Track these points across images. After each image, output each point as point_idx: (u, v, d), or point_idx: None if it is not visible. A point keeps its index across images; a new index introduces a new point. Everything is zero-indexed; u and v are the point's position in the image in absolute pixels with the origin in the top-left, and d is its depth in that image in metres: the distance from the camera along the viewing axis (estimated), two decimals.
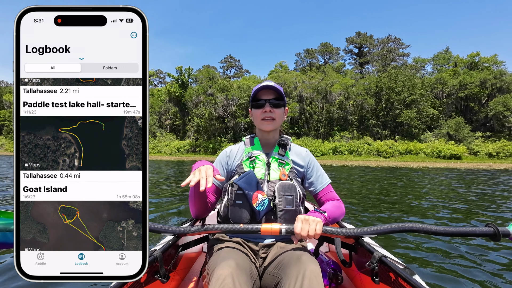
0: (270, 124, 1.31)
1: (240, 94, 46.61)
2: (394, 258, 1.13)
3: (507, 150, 35.60)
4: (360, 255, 1.27)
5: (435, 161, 34.96)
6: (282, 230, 1.05)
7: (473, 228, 1.02)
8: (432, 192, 7.78)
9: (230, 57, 75.66)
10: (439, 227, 1.03)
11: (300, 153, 1.40)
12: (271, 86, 1.29)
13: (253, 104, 1.34)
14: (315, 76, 48.96)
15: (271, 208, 1.21)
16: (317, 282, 0.91)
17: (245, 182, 1.19)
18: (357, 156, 39.00)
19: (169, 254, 1.23)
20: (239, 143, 1.45)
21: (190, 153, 46.45)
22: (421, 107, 41.56)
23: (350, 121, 45.33)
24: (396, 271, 0.99)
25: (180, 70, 54.60)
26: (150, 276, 1.06)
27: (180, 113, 53.97)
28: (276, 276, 1.06)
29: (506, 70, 42.83)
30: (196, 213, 1.29)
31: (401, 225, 1.05)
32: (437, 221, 4.42)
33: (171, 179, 10.37)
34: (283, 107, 1.34)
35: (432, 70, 52.67)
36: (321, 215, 1.14)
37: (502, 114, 39.33)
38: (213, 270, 0.96)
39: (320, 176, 1.38)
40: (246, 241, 1.24)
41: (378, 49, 61.40)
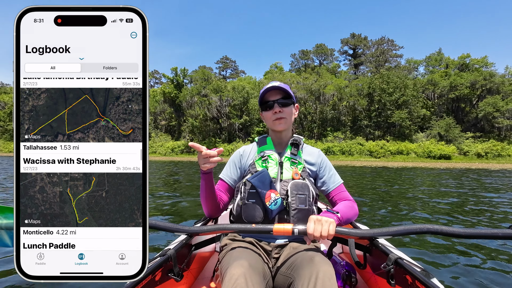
0: (282, 124, 1.32)
1: (235, 95, 46.97)
2: (410, 260, 1.09)
3: (495, 150, 36.25)
4: (375, 257, 1.23)
5: (425, 161, 35.52)
6: (295, 230, 1.03)
7: (495, 230, 0.95)
8: (413, 190, 8.16)
9: (226, 57, 76.00)
10: (458, 229, 0.98)
11: (313, 153, 1.40)
12: (276, 86, 1.29)
13: (262, 106, 1.35)
14: (309, 77, 49.47)
15: (284, 207, 1.21)
16: (330, 283, 0.89)
17: (259, 180, 1.20)
18: (349, 156, 39.49)
19: (183, 253, 1.24)
20: (252, 143, 1.45)
21: (184, 153, 46.69)
22: (413, 108, 42.15)
23: (343, 121, 45.83)
24: (413, 273, 0.94)
25: (175, 71, 54.93)
26: (164, 275, 1.07)
27: (175, 113, 54.24)
28: (289, 276, 1.05)
29: (496, 72, 43.64)
30: (209, 212, 1.31)
31: (418, 226, 1.03)
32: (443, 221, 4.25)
33: (165, 179, 10.69)
34: (292, 104, 1.35)
35: (425, 72, 53.37)
36: (334, 215, 1.12)
37: (491, 115, 40.06)
38: (226, 269, 0.96)
39: (333, 176, 1.37)
40: (258, 241, 1.23)
41: (372, 50, 62.00)
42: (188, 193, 6.90)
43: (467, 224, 4.19)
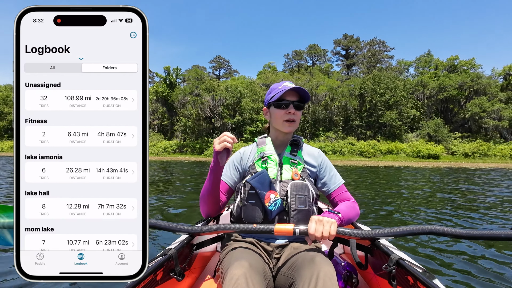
0: (291, 126, 1.30)
1: (228, 94, 46.97)
2: (412, 261, 1.09)
3: (482, 150, 37.23)
4: (377, 257, 1.22)
5: (414, 160, 36.21)
6: (296, 230, 1.03)
7: (498, 231, 0.95)
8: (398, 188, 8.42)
9: (220, 57, 75.79)
10: (460, 230, 0.98)
11: (313, 153, 1.39)
12: (296, 88, 1.27)
13: (276, 103, 1.30)
14: (301, 77, 49.82)
15: (284, 208, 1.20)
16: (331, 284, 0.89)
17: (258, 181, 1.19)
18: (340, 156, 39.97)
19: (184, 252, 1.23)
20: (252, 143, 1.45)
21: (177, 153, 46.47)
22: (403, 109, 42.90)
23: (335, 121, 46.32)
24: (414, 274, 0.94)
25: (168, 70, 54.59)
26: (165, 274, 1.06)
27: (168, 113, 53.93)
28: (289, 277, 1.05)
29: (483, 74, 44.79)
30: (208, 211, 1.30)
31: (419, 227, 1.02)
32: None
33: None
34: (302, 110, 1.35)
35: (415, 73, 54.35)
36: (335, 216, 1.12)
37: (478, 116, 41.07)
38: (227, 270, 0.96)
39: (333, 176, 1.36)
40: (259, 242, 1.23)
41: (364, 51, 62.80)
42: (182, 191, 6.98)
43: (459, 219, 4.39)
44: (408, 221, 4.35)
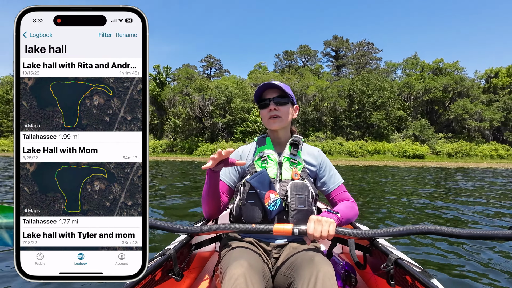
0: (276, 123, 1.30)
1: (218, 94, 46.85)
2: (410, 261, 1.10)
3: (464, 150, 38.57)
4: (375, 257, 1.23)
5: (400, 160, 37.17)
6: (295, 230, 1.03)
7: (495, 231, 0.95)
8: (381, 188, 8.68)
9: (211, 56, 75.39)
10: (458, 230, 0.98)
11: (312, 152, 1.39)
12: (273, 84, 1.28)
13: (259, 104, 1.34)
14: (291, 78, 50.22)
15: (284, 208, 1.20)
16: (330, 283, 0.90)
17: (258, 181, 1.19)
18: (329, 156, 40.56)
19: (183, 252, 1.23)
20: (251, 143, 1.44)
21: (166, 152, 46.08)
22: (390, 109, 43.91)
23: (324, 122, 46.95)
24: (413, 274, 0.94)
25: (157, 69, 53.97)
26: (164, 274, 1.06)
27: (157, 112, 53.32)
28: (288, 276, 1.05)
29: (466, 76, 46.40)
30: (209, 212, 1.30)
31: (418, 227, 1.02)
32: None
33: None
34: (289, 104, 1.32)
35: (402, 74, 55.67)
36: (334, 215, 1.12)
37: (461, 117, 42.52)
38: (226, 269, 0.96)
39: (333, 176, 1.36)
40: (258, 241, 1.23)
41: (354, 52, 63.80)
42: (175, 191, 7.01)
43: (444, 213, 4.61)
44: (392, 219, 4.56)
